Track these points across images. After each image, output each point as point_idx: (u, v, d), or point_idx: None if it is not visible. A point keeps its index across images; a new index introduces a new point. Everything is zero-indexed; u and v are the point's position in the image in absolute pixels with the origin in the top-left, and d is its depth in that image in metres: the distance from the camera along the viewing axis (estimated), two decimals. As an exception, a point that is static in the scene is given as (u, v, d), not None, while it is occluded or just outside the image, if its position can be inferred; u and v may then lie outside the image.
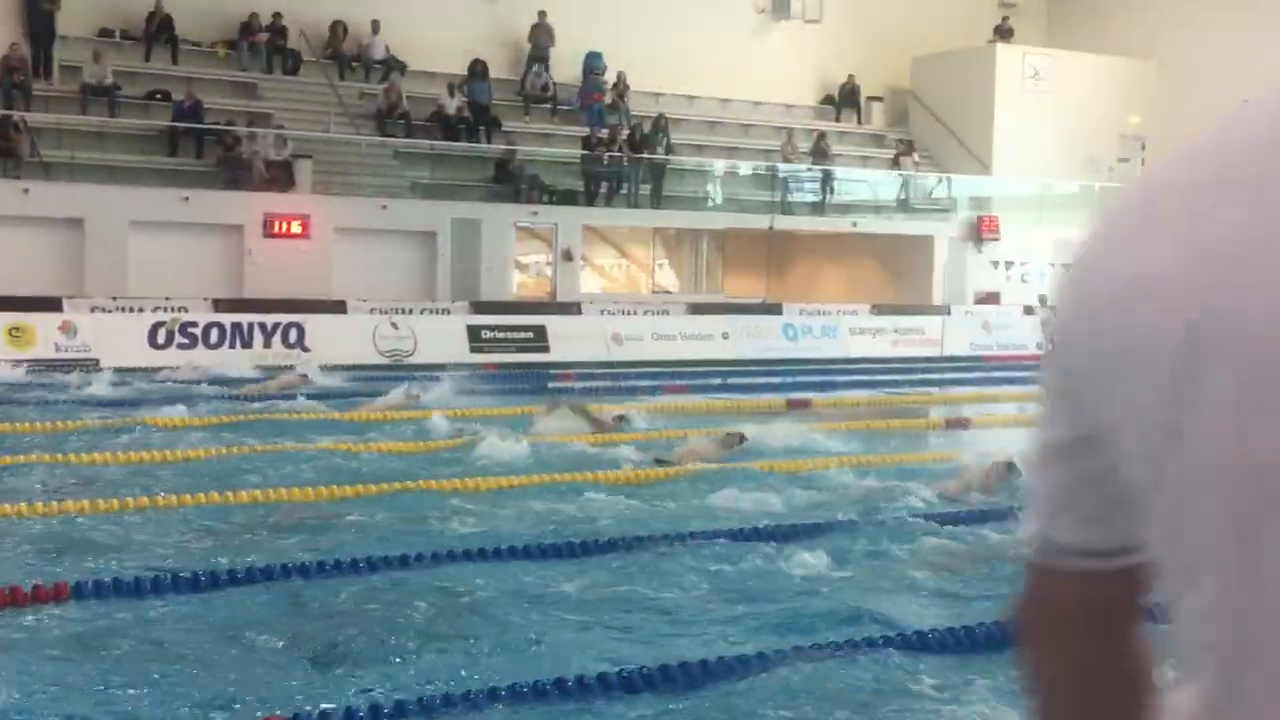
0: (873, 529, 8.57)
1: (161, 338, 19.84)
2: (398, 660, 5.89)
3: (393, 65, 27.53)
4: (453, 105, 26.86)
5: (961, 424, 15.22)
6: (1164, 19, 32.88)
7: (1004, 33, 32.89)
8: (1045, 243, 30.48)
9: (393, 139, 26.19)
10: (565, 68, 29.39)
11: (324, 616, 6.47)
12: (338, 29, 27.47)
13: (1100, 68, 32.87)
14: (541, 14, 28.91)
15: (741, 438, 11.66)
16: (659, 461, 11.23)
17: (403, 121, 26.40)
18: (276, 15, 26.79)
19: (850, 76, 32.87)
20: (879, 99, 33.70)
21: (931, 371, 22.12)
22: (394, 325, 21.40)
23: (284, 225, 23.19)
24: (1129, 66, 33.09)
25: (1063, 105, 32.06)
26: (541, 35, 29.01)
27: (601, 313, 24.73)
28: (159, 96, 24.93)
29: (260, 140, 24.12)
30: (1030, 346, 26.59)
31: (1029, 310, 27.87)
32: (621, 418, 13.11)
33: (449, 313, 23.20)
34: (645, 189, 27.55)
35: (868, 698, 5.44)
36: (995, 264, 29.69)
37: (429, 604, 6.58)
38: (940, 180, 31.33)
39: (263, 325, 20.45)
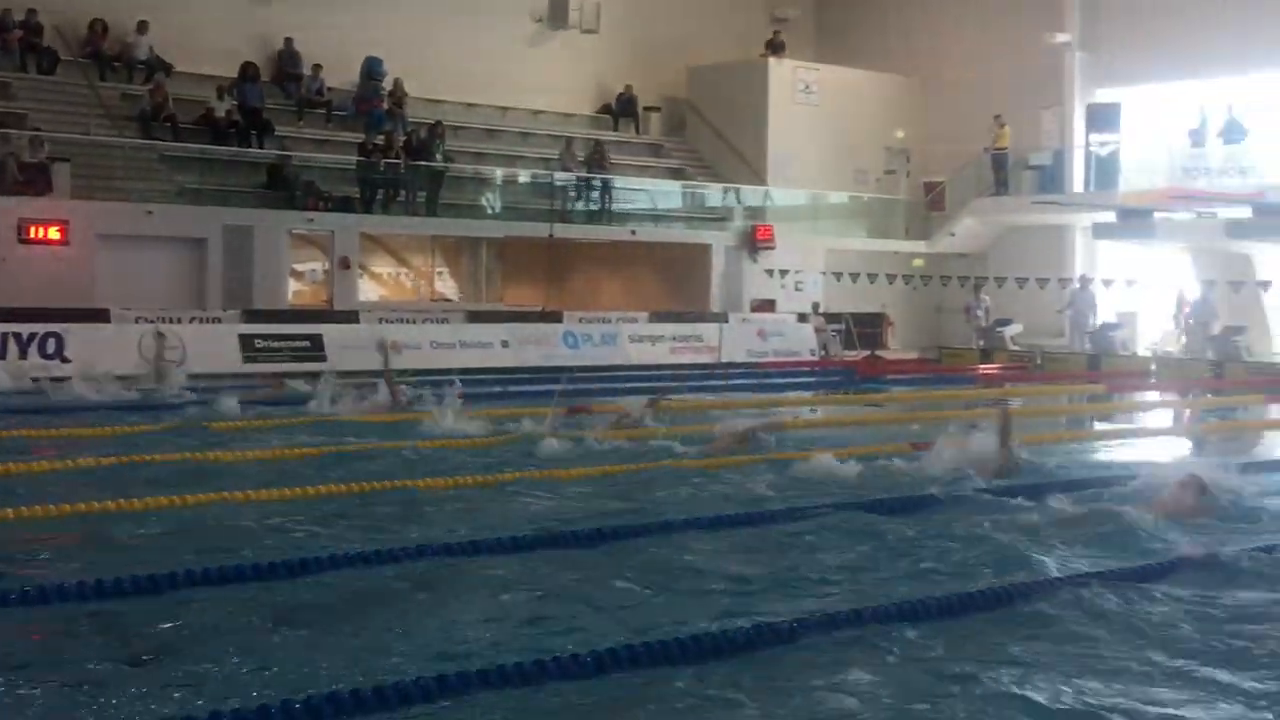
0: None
1: (-94, 349, 18.70)
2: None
3: (157, 66, 26.55)
4: (222, 109, 26.09)
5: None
6: (923, 38, 34.25)
7: (776, 47, 33.69)
8: (817, 252, 31.38)
9: (159, 142, 25.27)
10: (342, 73, 28.86)
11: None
12: (97, 27, 26.34)
13: (866, 83, 34.01)
14: (288, 40, 28.42)
15: (753, 432, 12.96)
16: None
17: (169, 124, 25.49)
18: (31, 12, 25.53)
19: (628, 86, 33.20)
20: (656, 109, 34.12)
21: (710, 378, 22.48)
22: (161, 334, 20.63)
23: (40, 231, 22.07)
24: (893, 82, 34.33)
25: (832, 118, 33.05)
26: (286, 60, 28.55)
27: (380, 321, 24.38)
28: (-99, 94, 23.51)
29: (14, 142, 22.95)
30: (804, 353, 27.35)
31: (803, 318, 28.62)
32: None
33: (220, 321, 22.53)
34: (424, 196, 27.27)
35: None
36: (770, 272, 30.39)
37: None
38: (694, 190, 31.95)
39: (18, 335, 19.43)
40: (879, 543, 8.64)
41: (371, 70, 29.03)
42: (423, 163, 27.13)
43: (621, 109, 33.43)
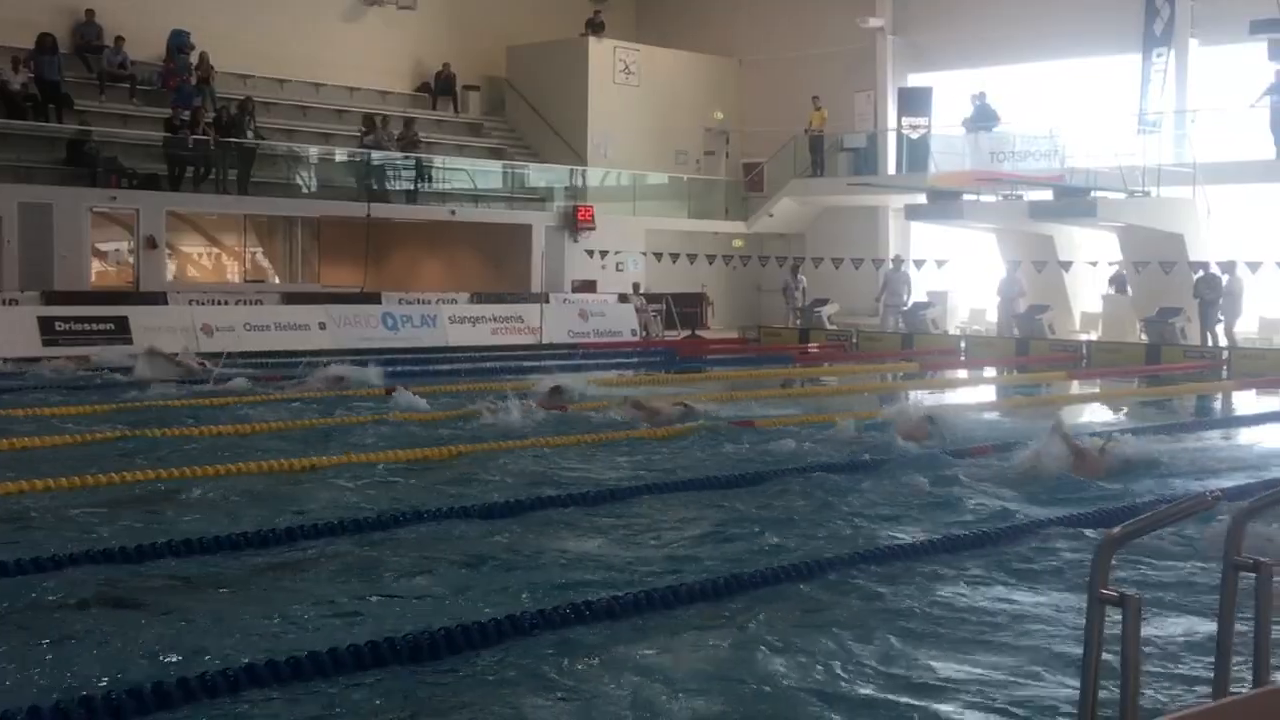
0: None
1: None
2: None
3: (-54, 35, 25.23)
4: (17, 81, 24.90)
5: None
6: (741, 21, 34.60)
7: (596, 26, 33.62)
8: (638, 233, 31.50)
9: (-52, 115, 24.05)
10: (146, 46, 27.80)
11: None
12: (-120, -7, 24.93)
13: (686, 64, 34.20)
14: (89, 12, 27.30)
15: (689, 407, 13.52)
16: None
17: (-41, 97, 24.26)
18: None
19: (446, 65, 32.77)
20: (475, 88, 33.77)
21: (531, 359, 22.37)
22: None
23: None
24: (712, 64, 34.59)
25: (652, 99, 33.18)
26: (87, 31, 27.42)
27: (190, 302, 23.62)
28: None
29: None
30: (625, 333, 27.44)
31: (624, 299, 28.70)
32: (557, 389, 14.45)
33: (17, 303, 21.60)
34: (235, 174, 26.47)
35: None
36: (591, 253, 30.39)
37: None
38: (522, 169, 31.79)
39: None
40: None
41: (178, 44, 28.04)
42: (233, 140, 26.34)
43: (440, 87, 32.98)
